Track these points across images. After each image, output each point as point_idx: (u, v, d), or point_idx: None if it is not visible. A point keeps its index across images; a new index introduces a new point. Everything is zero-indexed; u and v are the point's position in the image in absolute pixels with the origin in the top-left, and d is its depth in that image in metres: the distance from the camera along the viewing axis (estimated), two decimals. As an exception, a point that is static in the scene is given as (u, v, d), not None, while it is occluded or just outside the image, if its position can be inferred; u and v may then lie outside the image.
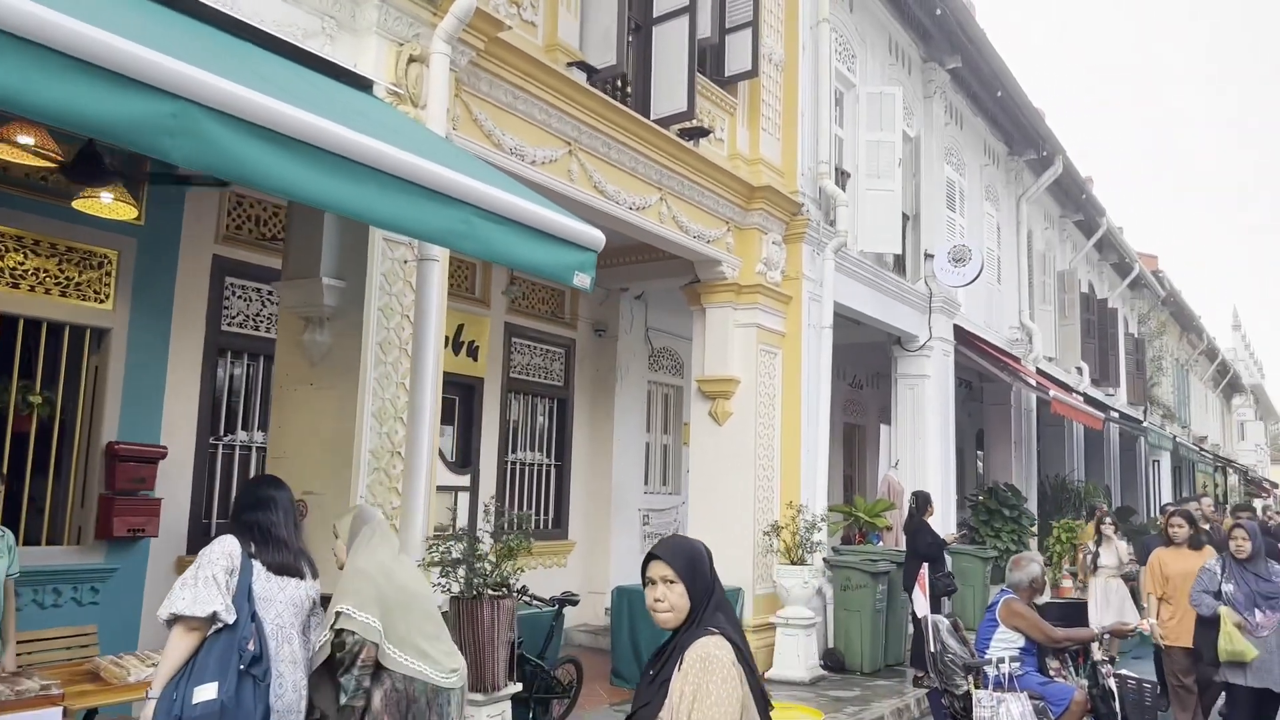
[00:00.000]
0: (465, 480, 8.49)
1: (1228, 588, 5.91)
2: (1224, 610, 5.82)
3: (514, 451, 9.21)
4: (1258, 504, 28.14)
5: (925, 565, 6.55)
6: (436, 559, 4.99)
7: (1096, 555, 9.48)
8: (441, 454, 8.23)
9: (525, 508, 9.32)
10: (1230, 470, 34.48)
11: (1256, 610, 5.75)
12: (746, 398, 8.70)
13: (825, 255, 9.40)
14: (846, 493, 14.42)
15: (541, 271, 4.06)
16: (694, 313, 9.00)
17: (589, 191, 6.91)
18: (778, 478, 8.87)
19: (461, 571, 5.11)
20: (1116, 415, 18.74)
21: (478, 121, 5.99)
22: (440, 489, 8.10)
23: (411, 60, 5.31)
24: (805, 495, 8.91)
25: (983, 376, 15.37)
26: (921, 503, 8.67)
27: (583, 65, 6.81)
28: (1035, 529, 14.17)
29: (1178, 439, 25.25)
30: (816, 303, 9.34)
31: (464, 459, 8.60)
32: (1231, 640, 5.72)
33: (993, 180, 15.24)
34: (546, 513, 9.60)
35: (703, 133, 8.02)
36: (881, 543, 10.77)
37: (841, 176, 10.55)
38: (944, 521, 11.67)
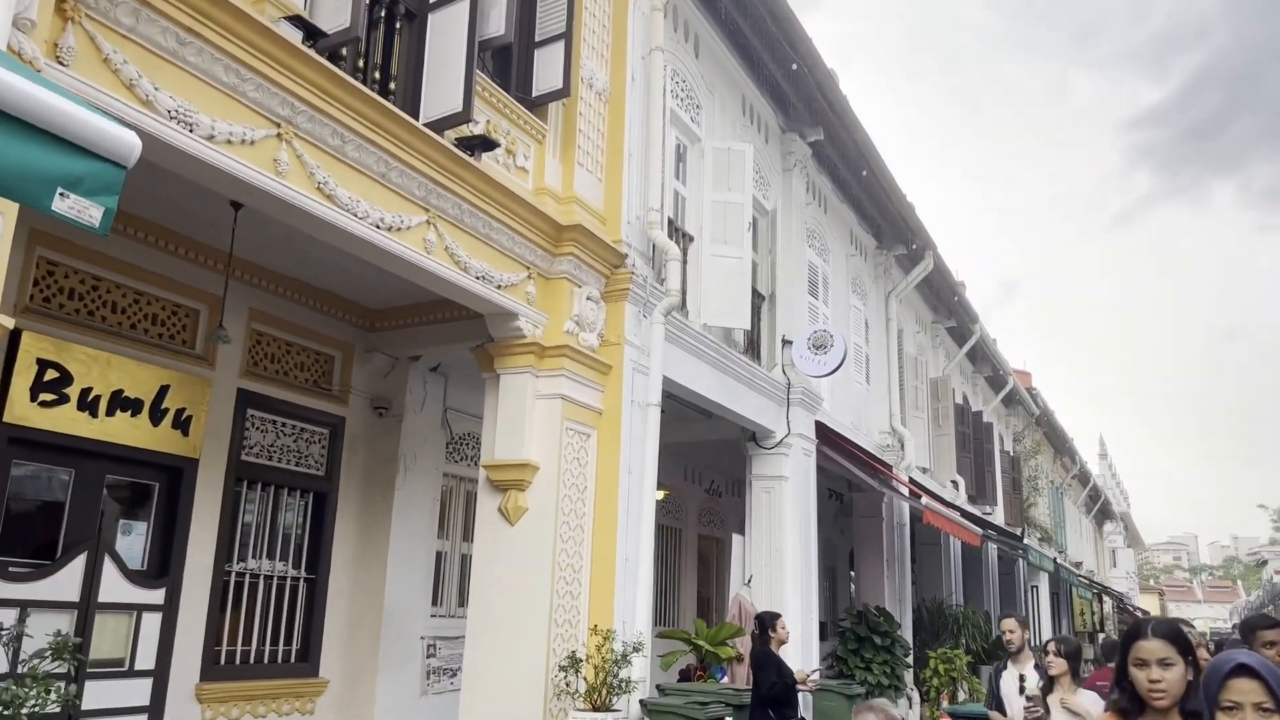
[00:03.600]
0: (158, 596, 6.26)
1: None
2: None
3: (242, 559, 7.01)
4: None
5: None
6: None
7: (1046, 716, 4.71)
8: (119, 559, 6.02)
9: (256, 635, 7.07)
10: (1106, 596, 33.91)
11: None
12: (547, 489, 6.81)
13: (654, 319, 7.74)
14: (703, 617, 12.45)
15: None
16: (486, 380, 7.17)
17: (308, 193, 5.10)
18: (585, 594, 6.93)
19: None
20: (994, 534, 17.47)
21: (109, 63, 4.16)
22: (108, 607, 5.89)
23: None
24: (620, 617, 6.96)
25: (853, 486, 13.85)
26: (764, 626, 6.73)
27: (302, 23, 5.10)
28: (910, 659, 12.42)
29: (1058, 561, 24.31)
30: (643, 375, 7.62)
31: (159, 566, 6.38)
32: None
33: (860, 272, 14.10)
34: (289, 642, 7.33)
35: (488, 145, 6.35)
36: (727, 677, 8.84)
37: (684, 239, 9.07)
38: (805, 652, 9.83)
